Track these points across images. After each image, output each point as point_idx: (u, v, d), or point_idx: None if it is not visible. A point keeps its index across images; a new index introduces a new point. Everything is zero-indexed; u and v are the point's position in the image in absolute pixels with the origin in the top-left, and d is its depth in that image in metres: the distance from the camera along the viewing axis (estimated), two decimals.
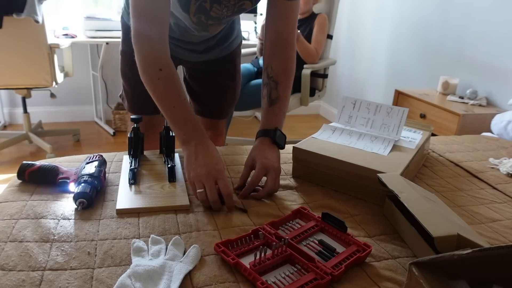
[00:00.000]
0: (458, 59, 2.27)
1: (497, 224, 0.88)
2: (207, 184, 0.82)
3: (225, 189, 0.81)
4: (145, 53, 0.88)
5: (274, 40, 1.04)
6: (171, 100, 0.89)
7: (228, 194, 0.82)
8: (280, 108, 1.02)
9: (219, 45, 1.27)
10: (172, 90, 0.89)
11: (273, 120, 1.01)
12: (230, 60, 1.34)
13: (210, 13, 1.01)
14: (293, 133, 3.26)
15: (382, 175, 0.85)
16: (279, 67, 1.03)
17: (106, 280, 0.62)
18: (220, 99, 1.39)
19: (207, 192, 0.81)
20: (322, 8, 2.48)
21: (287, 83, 1.04)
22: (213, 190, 0.81)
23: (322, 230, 0.79)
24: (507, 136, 1.61)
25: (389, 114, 1.13)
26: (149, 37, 0.88)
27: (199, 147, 0.86)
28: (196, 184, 0.83)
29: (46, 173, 0.89)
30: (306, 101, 2.36)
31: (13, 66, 2.25)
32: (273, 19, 1.03)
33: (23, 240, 0.69)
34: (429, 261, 0.55)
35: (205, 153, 0.85)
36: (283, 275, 0.66)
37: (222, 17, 1.05)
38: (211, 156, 0.85)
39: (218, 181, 0.82)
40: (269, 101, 1.02)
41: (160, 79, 0.88)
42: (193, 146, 0.87)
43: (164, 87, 0.88)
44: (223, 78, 1.35)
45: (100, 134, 3.06)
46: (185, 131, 0.89)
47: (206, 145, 0.87)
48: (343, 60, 3.50)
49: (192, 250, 0.69)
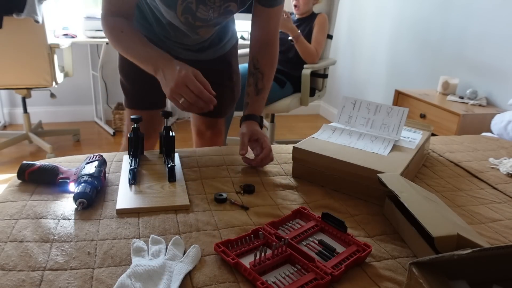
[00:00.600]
0: (458, 59, 2.27)
1: (497, 224, 0.88)
2: (181, 92, 0.88)
3: (196, 87, 0.88)
4: (110, 22, 1.02)
5: (259, 40, 1.17)
6: (134, 47, 1.00)
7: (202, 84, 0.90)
8: (264, 97, 1.18)
9: (213, 46, 1.29)
10: (134, 38, 1.00)
11: (259, 108, 1.17)
12: (225, 61, 1.35)
13: (196, 14, 1.06)
14: (293, 133, 3.26)
15: (382, 175, 0.85)
16: (265, 61, 1.17)
17: (106, 280, 0.62)
18: (218, 98, 1.39)
19: (186, 98, 0.88)
20: (322, 8, 2.48)
21: (271, 75, 1.19)
22: (189, 94, 0.88)
23: (322, 230, 0.79)
24: (507, 136, 1.61)
25: (389, 114, 1.13)
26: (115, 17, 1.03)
27: (165, 68, 0.93)
28: (176, 98, 0.90)
29: (46, 173, 0.89)
30: (306, 101, 2.36)
31: (13, 66, 2.25)
32: (258, 24, 1.16)
33: (23, 240, 0.69)
34: (429, 261, 0.55)
35: (169, 69, 0.92)
36: (283, 275, 0.66)
37: (209, 18, 1.08)
38: (174, 68, 0.91)
39: (189, 85, 0.88)
40: (256, 90, 1.16)
41: (124, 32, 1.01)
42: (161, 71, 0.94)
43: (126, 41, 1.01)
44: (219, 79, 1.36)
45: (100, 134, 3.06)
46: (152, 63, 0.97)
47: (169, 64, 0.94)
48: (343, 60, 3.50)
49: (192, 250, 0.69)
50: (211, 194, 0.91)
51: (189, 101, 0.88)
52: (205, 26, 1.12)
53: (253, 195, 0.93)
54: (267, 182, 0.99)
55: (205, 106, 0.90)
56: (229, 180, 0.99)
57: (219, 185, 0.96)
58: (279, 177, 1.03)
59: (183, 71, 0.89)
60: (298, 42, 2.25)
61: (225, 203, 0.88)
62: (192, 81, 0.88)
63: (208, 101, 0.90)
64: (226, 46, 1.33)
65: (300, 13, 2.39)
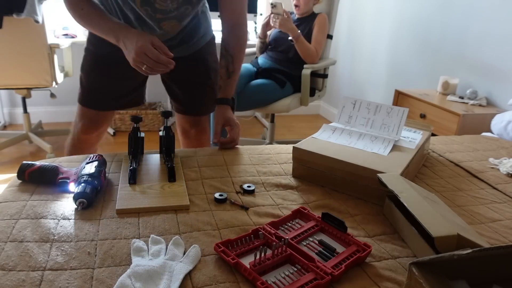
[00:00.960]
0: (458, 59, 2.27)
1: (497, 224, 0.88)
2: (142, 60, 0.98)
3: (154, 54, 0.97)
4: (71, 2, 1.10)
5: (226, 22, 1.24)
6: (95, 22, 1.09)
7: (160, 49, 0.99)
8: (234, 79, 1.24)
9: (183, 43, 1.29)
10: (93, 15, 1.09)
11: (231, 90, 1.24)
12: (200, 58, 1.35)
13: (155, 5, 1.10)
14: (293, 133, 3.26)
15: (382, 175, 0.85)
16: (233, 44, 1.23)
17: (106, 280, 0.62)
18: (199, 97, 1.40)
19: (147, 64, 0.98)
20: (322, 8, 2.48)
21: (240, 57, 1.25)
22: (149, 61, 0.97)
23: (322, 230, 0.79)
24: (507, 136, 1.61)
25: (389, 114, 1.13)
26: None
27: (125, 39, 1.02)
28: (139, 66, 0.99)
29: (46, 173, 0.89)
30: (306, 101, 2.36)
31: (13, 66, 2.25)
32: (223, 7, 1.22)
33: (23, 240, 0.69)
34: (429, 261, 0.55)
35: (129, 39, 1.01)
36: (283, 275, 0.66)
37: (169, 10, 1.11)
38: (133, 39, 1.00)
39: (147, 53, 0.97)
40: (227, 73, 1.23)
41: (83, 10, 1.10)
42: (121, 41, 1.03)
43: (87, 17, 1.10)
44: (196, 76, 1.36)
45: None
46: (113, 34, 1.05)
47: (128, 34, 1.02)
48: (343, 60, 3.50)
49: (192, 250, 0.69)
50: (211, 194, 0.91)
51: (150, 67, 0.98)
52: (167, 18, 1.14)
53: (253, 195, 0.93)
54: (267, 182, 0.99)
55: (165, 68, 1.00)
56: (229, 180, 0.99)
57: (219, 185, 0.96)
58: (279, 177, 1.03)
59: (140, 42, 0.98)
60: (298, 42, 2.25)
61: (225, 203, 0.88)
62: (149, 49, 0.97)
63: (166, 64, 1.00)
64: (199, 43, 1.33)
65: (300, 12, 2.39)
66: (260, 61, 2.46)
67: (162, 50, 0.99)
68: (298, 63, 2.32)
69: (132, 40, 0.99)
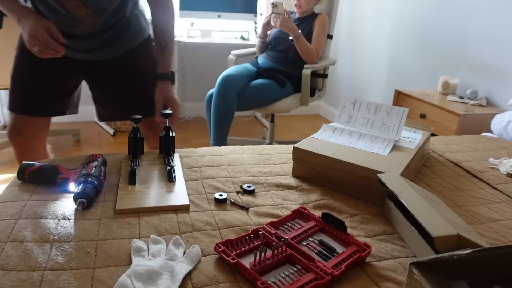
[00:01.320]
0: (458, 59, 2.27)
1: (497, 224, 0.88)
2: (34, 42, 1.05)
3: (44, 38, 1.05)
4: None
5: None
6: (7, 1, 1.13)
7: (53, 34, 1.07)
8: (170, 53, 1.25)
9: (111, 43, 1.26)
10: None
11: (169, 65, 1.25)
12: (132, 60, 1.31)
13: None
14: (293, 133, 3.26)
15: (382, 175, 0.85)
16: (159, 18, 1.24)
17: (106, 280, 0.62)
18: (137, 99, 1.33)
19: (38, 47, 1.05)
20: (322, 8, 2.48)
21: (168, 29, 1.25)
22: (39, 44, 1.05)
23: (322, 230, 0.79)
24: (507, 136, 1.61)
25: (389, 114, 1.13)
26: None
27: (24, 20, 1.09)
28: (31, 47, 1.06)
29: (46, 173, 0.89)
30: (306, 101, 2.36)
31: None
32: None
33: (23, 240, 0.69)
34: (429, 261, 0.55)
35: (27, 21, 1.08)
36: (283, 275, 0.66)
37: None
38: (29, 21, 1.07)
39: (39, 36, 1.04)
40: (160, 48, 1.24)
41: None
42: (21, 22, 1.10)
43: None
44: (130, 80, 1.31)
45: (100, 134, 3.06)
46: (16, 15, 1.11)
47: (27, 16, 1.09)
48: (343, 60, 3.50)
49: (192, 250, 0.69)
50: (211, 194, 0.91)
51: (41, 49, 1.06)
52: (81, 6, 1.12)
53: (253, 195, 0.93)
54: (267, 182, 0.99)
55: (55, 52, 1.07)
56: (229, 180, 0.99)
57: (219, 185, 0.96)
58: (279, 177, 1.03)
59: (34, 26, 1.05)
60: (298, 42, 2.25)
61: (225, 203, 0.88)
62: (41, 33, 1.05)
63: (56, 49, 1.07)
64: (130, 43, 1.29)
65: (301, 12, 2.39)
66: (260, 60, 2.46)
67: (54, 35, 1.08)
68: (298, 63, 2.32)
69: (29, 22, 1.07)
